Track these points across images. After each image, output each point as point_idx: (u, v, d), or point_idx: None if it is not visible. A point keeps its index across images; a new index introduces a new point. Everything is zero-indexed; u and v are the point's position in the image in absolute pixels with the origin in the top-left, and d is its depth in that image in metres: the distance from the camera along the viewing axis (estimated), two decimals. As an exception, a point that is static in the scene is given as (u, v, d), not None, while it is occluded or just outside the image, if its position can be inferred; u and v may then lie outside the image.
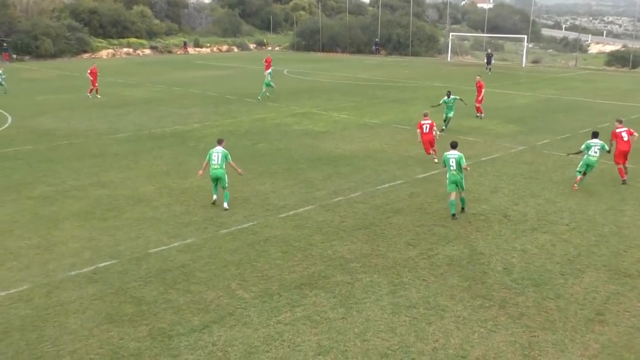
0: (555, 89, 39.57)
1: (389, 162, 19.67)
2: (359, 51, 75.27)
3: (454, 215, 14.31)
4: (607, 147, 16.61)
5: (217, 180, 15.14)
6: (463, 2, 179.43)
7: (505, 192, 16.53)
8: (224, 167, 15.00)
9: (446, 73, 50.92)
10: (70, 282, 11.09)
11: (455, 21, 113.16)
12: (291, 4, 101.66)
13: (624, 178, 17.44)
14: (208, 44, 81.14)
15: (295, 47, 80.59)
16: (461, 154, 14.33)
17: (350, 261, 12.00)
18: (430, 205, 15.42)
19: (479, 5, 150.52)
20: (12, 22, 63.73)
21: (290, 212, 14.79)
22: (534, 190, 16.67)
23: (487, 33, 73.54)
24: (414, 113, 29.20)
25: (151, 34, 79.04)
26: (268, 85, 34.64)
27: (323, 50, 75.32)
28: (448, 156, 14.33)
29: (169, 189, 16.84)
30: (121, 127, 25.93)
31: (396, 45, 72.50)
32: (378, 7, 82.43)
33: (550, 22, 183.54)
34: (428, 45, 72.42)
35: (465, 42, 75.42)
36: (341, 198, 15.95)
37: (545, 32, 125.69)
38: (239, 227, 13.79)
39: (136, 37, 76.19)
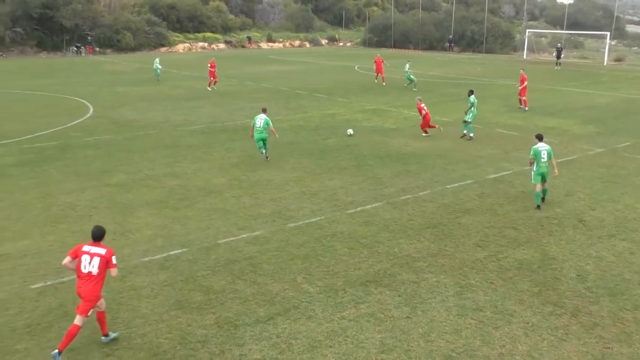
0: (638, 89, 37.75)
1: (459, 161, 19.32)
2: (431, 48, 74.30)
3: (539, 206, 14.66)
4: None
5: (261, 140, 18.89)
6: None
7: (581, 196, 15.91)
8: (266, 130, 18.83)
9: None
10: (143, 267, 11.48)
11: (533, 17, 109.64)
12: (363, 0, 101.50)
13: None
14: (281, 39, 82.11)
15: (367, 43, 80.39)
16: (550, 147, 14.76)
17: (417, 260, 11.86)
18: (501, 206, 15.04)
19: (559, 0, 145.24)
20: (96, 16, 66.56)
21: (358, 209, 14.76)
22: (613, 195, 15.96)
23: (566, 30, 70.95)
24: (486, 112, 28.54)
25: (226, 29, 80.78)
26: (409, 79, 37.34)
27: (395, 47, 74.79)
28: (539, 149, 14.66)
29: (239, 181, 17.15)
30: (195, 120, 26.61)
31: (470, 42, 71.15)
32: (452, 3, 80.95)
33: (636, 18, 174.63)
34: (503, 42, 70.71)
35: (543, 38, 73.08)
36: (409, 196, 15.79)
37: (631, 28, 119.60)
38: (307, 221, 13.88)
39: (211, 32, 78.05)
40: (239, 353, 8.78)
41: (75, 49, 64.80)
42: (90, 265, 8.41)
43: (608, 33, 60.52)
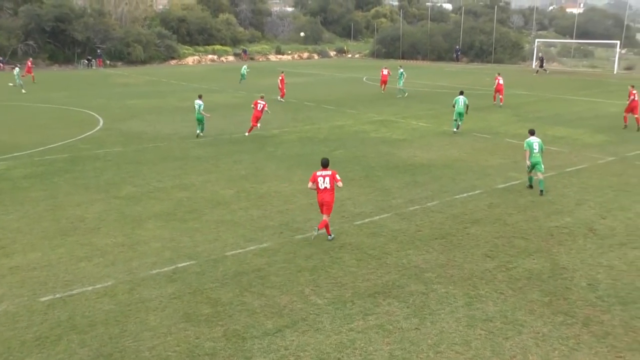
0: (648, 98, 37.59)
1: (468, 171, 19.24)
2: (439, 58, 74.39)
3: (531, 186, 17.12)
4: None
5: (199, 121, 24.91)
6: (551, 7, 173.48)
7: (591, 205, 15.77)
8: (201, 113, 24.65)
9: (530, 81, 49.38)
10: (151, 280, 11.47)
11: (542, 27, 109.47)
12: (372, 11, 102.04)
13: None
14: (289, 51, 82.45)
15: (375, 54, 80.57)
16: (541, 140, 16.98)
17: (425, 271, 11.77)
18: (510, 216, 14.94)
19: (568, 10, 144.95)
20: (108, 29, 67.22)
21: (366, 220, 14.71)
22: (624, 204, 15.81)
23: (575, 39, 70.75)
24: (494, 122, 28.48)
25: (235, 41, 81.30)
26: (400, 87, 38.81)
27: (403, 58, 74.96)
28: (531, 141, 16.72)
29: (247, 193, 17.15)
30: (204, 132, 26.70)
31: (478, 52, 71.16)
32: (461, 13, 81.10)
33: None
34: (512, 52, 70.69)
35: (552, 48, 72.91)
36: (417, 207, 15.72)
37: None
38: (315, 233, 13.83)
39: (221, 44, 78.55)
40: (247, 366, 8.73)
41: (86, 62, 65.40)
42: (324, 182, 13.05)
43: (618, 42, 60.31)
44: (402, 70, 40.00)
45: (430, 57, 74.68)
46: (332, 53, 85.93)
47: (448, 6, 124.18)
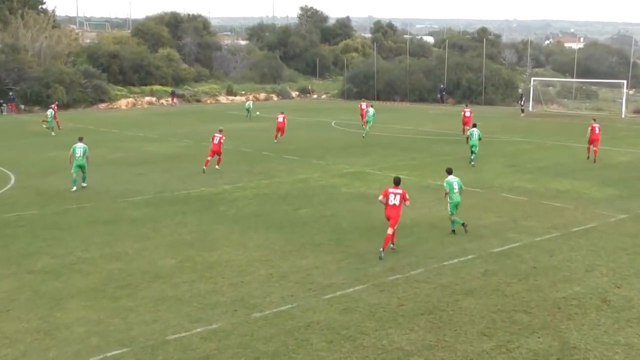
0: (663, 144, 38.90)
1: (459, 232, 19.45)
2: (421, 99, 76.00)
3: (454, 231, 19.28)
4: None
5: (79, 167, 25.61)
6: (547, 42, 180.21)
7: (603, 272, 16.04)
8: (85, 158, 25.69)
9: (526, 125, 50.74)
10: (73, 373, 11.15)
11: (538, 64, 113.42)
12: (341, 44, 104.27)
13: None
14: (243, 92, 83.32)
15: (346, 94, 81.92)
16: (460, 179, 19.53)
17: (410, 354, 11.72)
18: (510, 286, 15.07)
19: (567, 45, 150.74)
20: (23, 68, 67.03)
21: (337, 293, 14.66)
22: (641, 269, 16.13)
23: (576, 77, 73.23)
24: (487, 173, 29.04)
25: (178, 80, 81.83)
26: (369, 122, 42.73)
27: (378, 99, 76.23)
28: (451, 180, 19.25)
29: (193, 262, 16.99)
30: (140, 189, 26.55)
31: (466, 92, 72.91)
32: (444, 47, 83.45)
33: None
34: (505, 92, 72.68)
35: (550, 88, 75.31)
36: (399, 276, 15.76)
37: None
38: (275, 310, 13.71)
39: (160, 84, 78.97)
40: None
41: (-4, 106, 64.89)
42: (394, 199, 17.37)
43: (625, 81, 62.51)
44: (372, 109, 43.74)
45: (410, 97, 76.19)
46: (294, 93, 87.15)
47: (429, 39, 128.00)
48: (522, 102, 61.51)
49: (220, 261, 17.03)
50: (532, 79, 71.12)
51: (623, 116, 58.35)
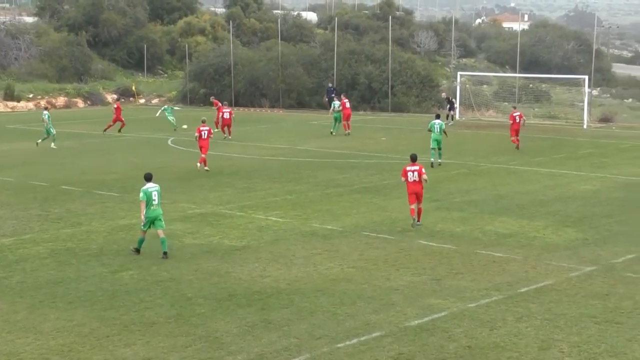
0: (641, 166, 40.94)
1: (359, 300, 19.59)
2: (300, 104, 76.16)
3: (137, 250, 23.98)
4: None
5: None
6: (478, 21, 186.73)
7: (564, 350, 16.49)
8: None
9: (452, 140, 51.60)
10: None
11: (467, 52, 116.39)
12: (180, 24, 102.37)
13: None
14: (30, 94, 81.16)
15: (189, 98, 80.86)
16: (159, 186, 23.76)
17: None
18: (434, 376, 15.28)
19: (506, 25, 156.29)
20: None
21: (180, 397, 14.44)
22: (616, 345, 16.70)
23: (520, 72, 75.16)
24: (399, 212, 29.46)
25: None
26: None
27: (237, 105, 75.63)
28: (150, 190, 23.49)
29: (-47, 359, 16.30)
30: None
31: (365, 95, 73.33)
32: (333, 29, 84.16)
33: (626, 54, 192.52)
34: (421, 92, 73.39)
35: (485, 87, 77.35)
36: (273, 367, 15.72)
37: (620, 69, 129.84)
38: None
39: None
40: None
41: None
42: (413, 176, 26.54)
43: (586, 77, 64.11)
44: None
45: (284, 102, 76.06)
46: (111, 97, 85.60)
47: (311, 16, 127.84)
48: (451, 111, 62.39)
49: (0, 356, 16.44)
50: (459, 73, 71.49)
51: (585, 126, 60.57)
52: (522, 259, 23.25)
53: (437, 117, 41.60)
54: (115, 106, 56.51)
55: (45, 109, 55.02)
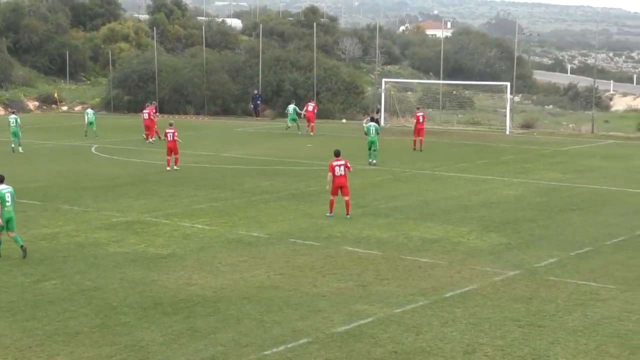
0: (561, 172, 41.68)
1: (285, 307, 19.60)
2: (226, 111, 76.20)
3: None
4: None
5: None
6: (402, 28, 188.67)
7: (488, 353, 16.67)
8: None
9: (381, 147, 52.17)
10: None
11: (392, 59, 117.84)
12: (103, 30, 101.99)
13: None
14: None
15: (112, 105, 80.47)
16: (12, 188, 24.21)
17: None
18: (361, 381, 15.33)
19: (430, 32, 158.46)
20: None
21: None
22: (538, 348, 16.94)
23: (443, 79, 76.22)
24: (325, 218, 29.58)
25: None
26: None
27: (162, 112, 75.34)
28: (3, 192, 23.69)
29: None
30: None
31: (291, 100, 73.89)
32: (258, 35, 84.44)
33: (547, 61, 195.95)
34: (346, 99, 74.06)
35: (409, 93, 78.11)
36: (199, 375, 15.64)
37: (541, 76, 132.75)
38: None
39: None
40: None
41: None
42: (340, 170, 29.20)
43: (507, 84, 65.46)
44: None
45: (209, 109, 76.01)
46: (32, 104, 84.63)
47: (236, 23, 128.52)
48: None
49: None
50: (384, 80, 72.60)
51: (507, 132, 61.66)
52: (447, 264, 23.51)
53: (372, 119, 44.60)
54: (148, 112, 56.84)
55: (13, 112, 55.60)
